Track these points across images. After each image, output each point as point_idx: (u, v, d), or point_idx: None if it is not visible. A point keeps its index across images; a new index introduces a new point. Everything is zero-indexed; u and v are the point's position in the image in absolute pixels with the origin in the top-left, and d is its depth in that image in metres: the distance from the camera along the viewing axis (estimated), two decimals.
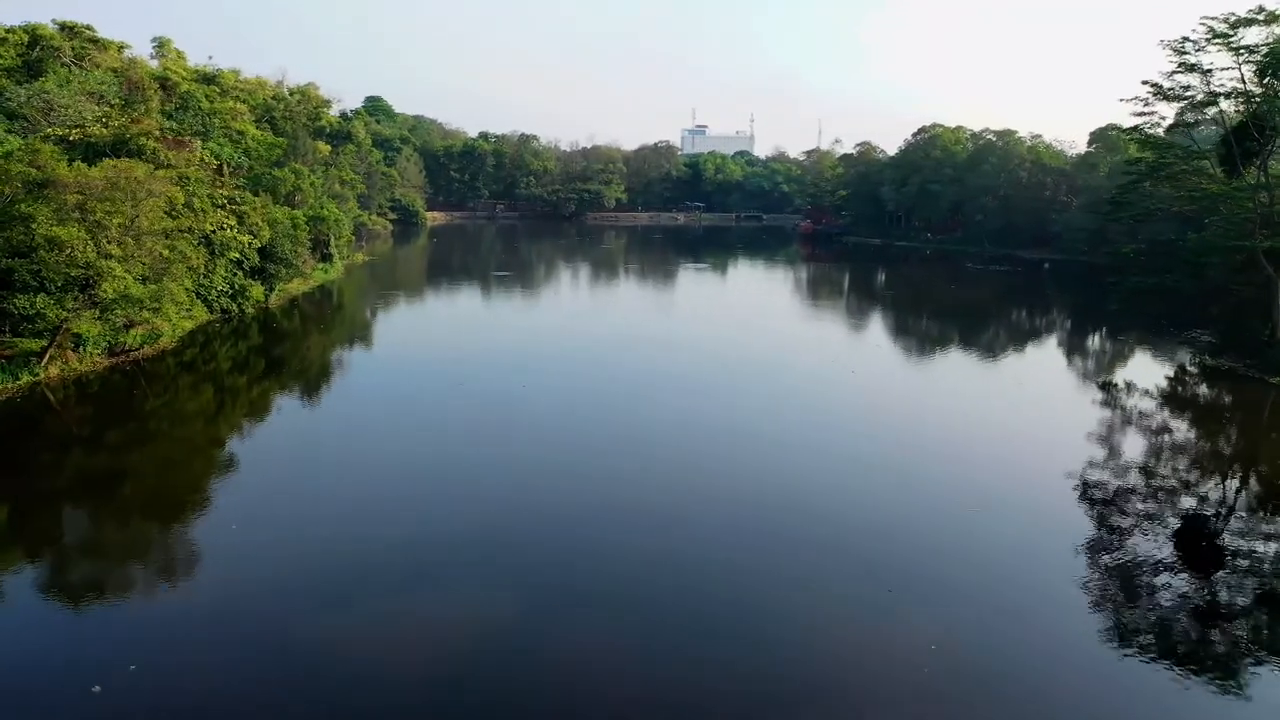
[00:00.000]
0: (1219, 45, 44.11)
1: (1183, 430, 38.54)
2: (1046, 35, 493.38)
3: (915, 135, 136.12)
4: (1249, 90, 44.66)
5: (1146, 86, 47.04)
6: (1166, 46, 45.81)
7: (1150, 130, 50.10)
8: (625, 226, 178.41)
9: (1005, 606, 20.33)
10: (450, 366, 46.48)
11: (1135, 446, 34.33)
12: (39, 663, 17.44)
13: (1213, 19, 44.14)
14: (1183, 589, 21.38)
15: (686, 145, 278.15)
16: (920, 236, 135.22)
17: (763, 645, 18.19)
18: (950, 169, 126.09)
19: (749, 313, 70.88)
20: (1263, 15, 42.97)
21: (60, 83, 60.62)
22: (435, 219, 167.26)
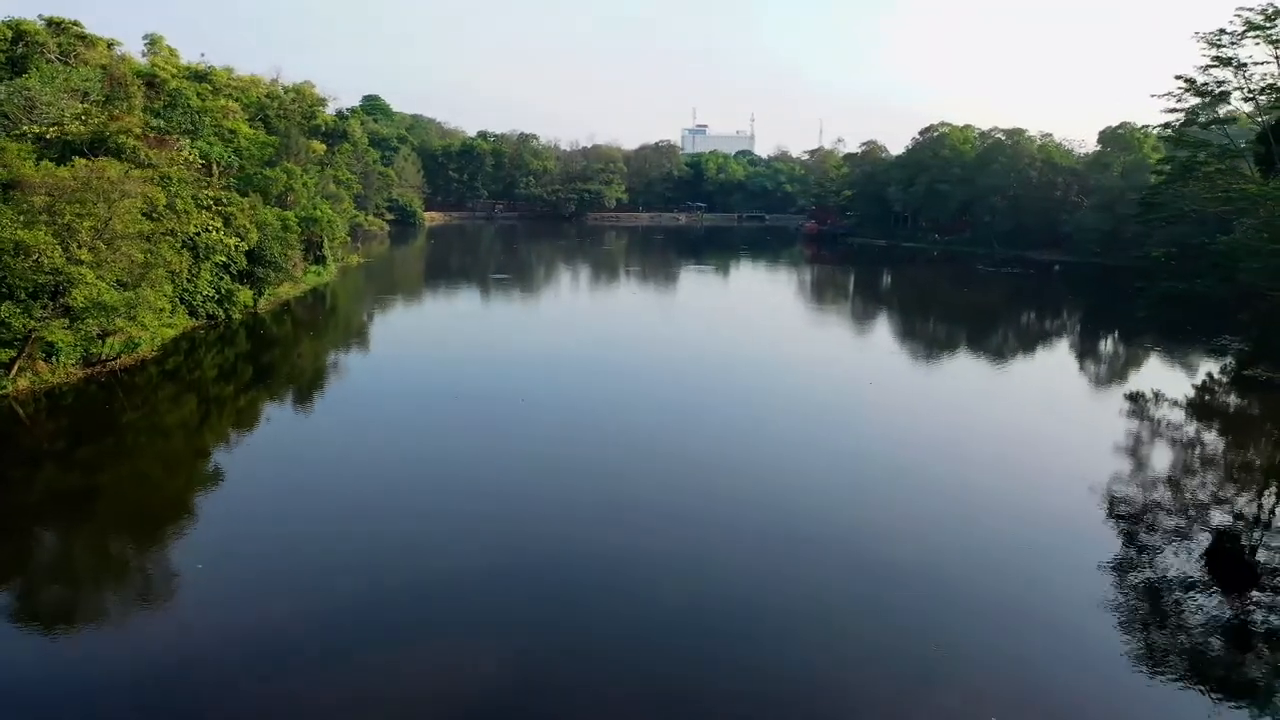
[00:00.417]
0: (1256, 37, 41.70)
1: (1214, 442, 36.78)
2: (1050, 34, 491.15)
3: (922, 134, 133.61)
4: None
5: (1179, 81, 44.56)
6: (1201, 39, 43.39)
7: (1182, 127, 47.49)
8: (626, 227, 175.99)
9: (1026, 621, 19.50)
10: (446, 377, 44.26)
11: (1164, 459, 32.93)
12: None
13: (1249, 10, 41.79)
14: (1214, 610, 20.21)
15: (686, 145, 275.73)
16: (927, 237, 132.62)
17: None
18: (959, 168, 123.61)
19: (758, 319, 68.18)
20: None
21: (44, 79, 58.20)
22: (433, 219, 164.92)
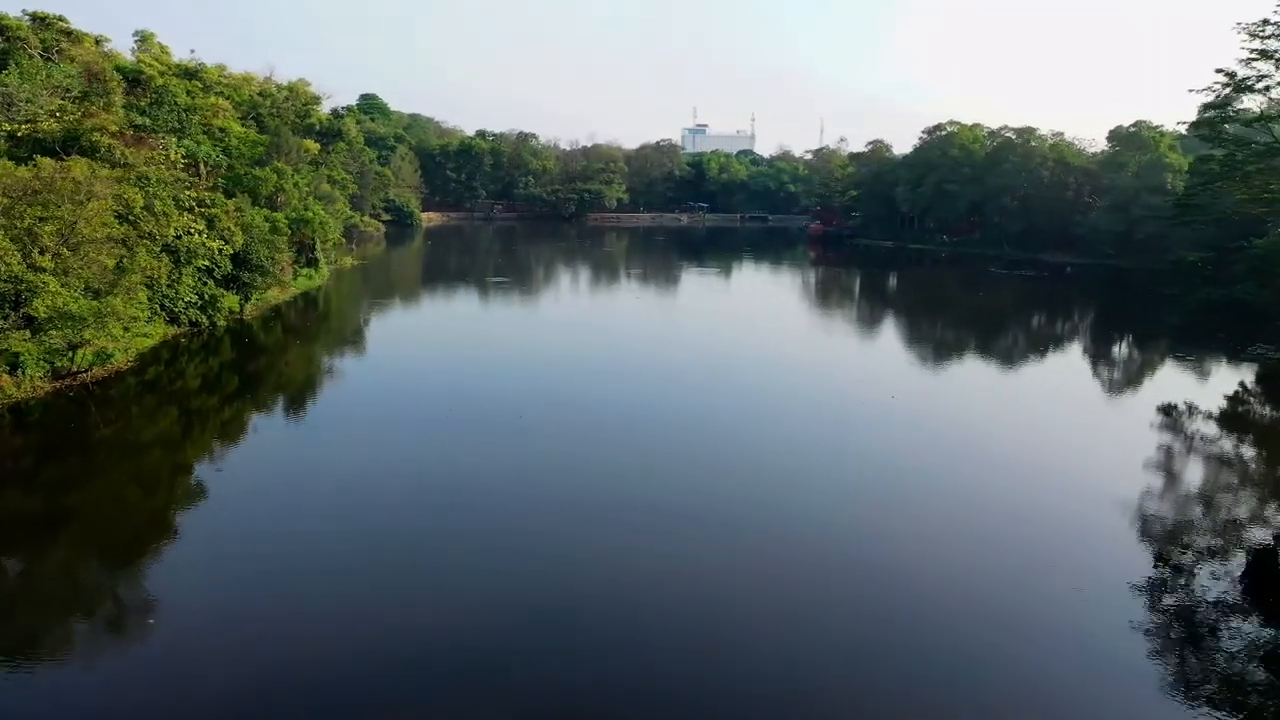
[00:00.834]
0: None
1: (1251, 456, 34.79)
2: (1054, 32, 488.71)
3: (930, 133, 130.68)
4: None
5: (1219, 75, 41.88)
6: (1242, 30, 40.74)
7: (1221, 123, 44.73)
8: (627, 228, 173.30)
9: (1054, 641, 18.63)
10: (440, 388, 41.63)
11: (1198, 473, 31.61)
12: None
13: None
14: (1252, 634, 19.28)
15: (687, 144, 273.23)
16: (935, 239, 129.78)
17: None
18: (968, 168, 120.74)
19: (766, 325, 65.12)
20: None
21: (25, 76, 55.57)
22: (431, 220, 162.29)
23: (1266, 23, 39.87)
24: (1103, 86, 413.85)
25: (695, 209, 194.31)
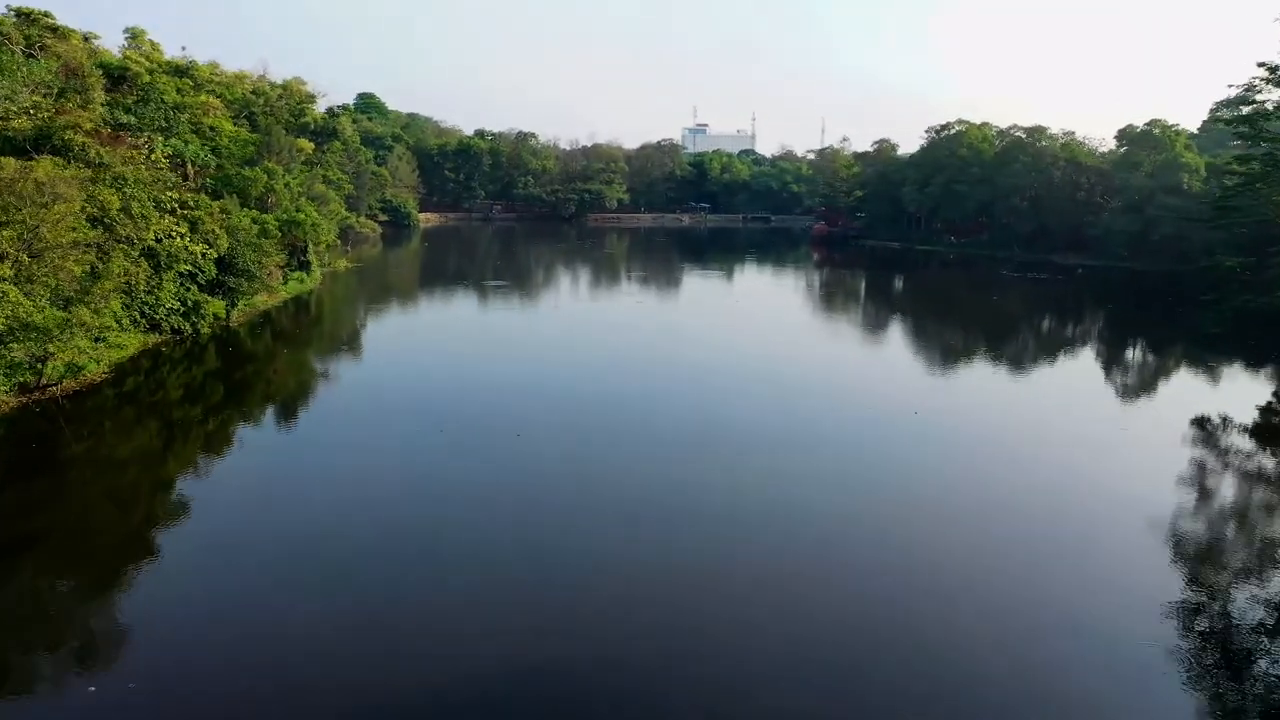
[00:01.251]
0: None
1: None
2: (1057, 33, 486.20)
3: (938, 132, 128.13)
4: None
5: (1261, 69, 39.36)
6: None
7: (1264, 121, 42.14)
8: (627, 228, 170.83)
9: (1085, 668, 17.82)
10: (434, 400, 39.24)
11: (1234, 491, 30.37)
12: None
13: None
14: None
15: (687, 144, 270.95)
16: (943, 240, 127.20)
17: None
18: (977, 168, 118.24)
19: (777, 332, 62.16)
20: None
21: (4, 73, 53.14)
22: (429, 220, 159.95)
23: None
24: (1106, 86, 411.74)
25: (697, 209, 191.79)
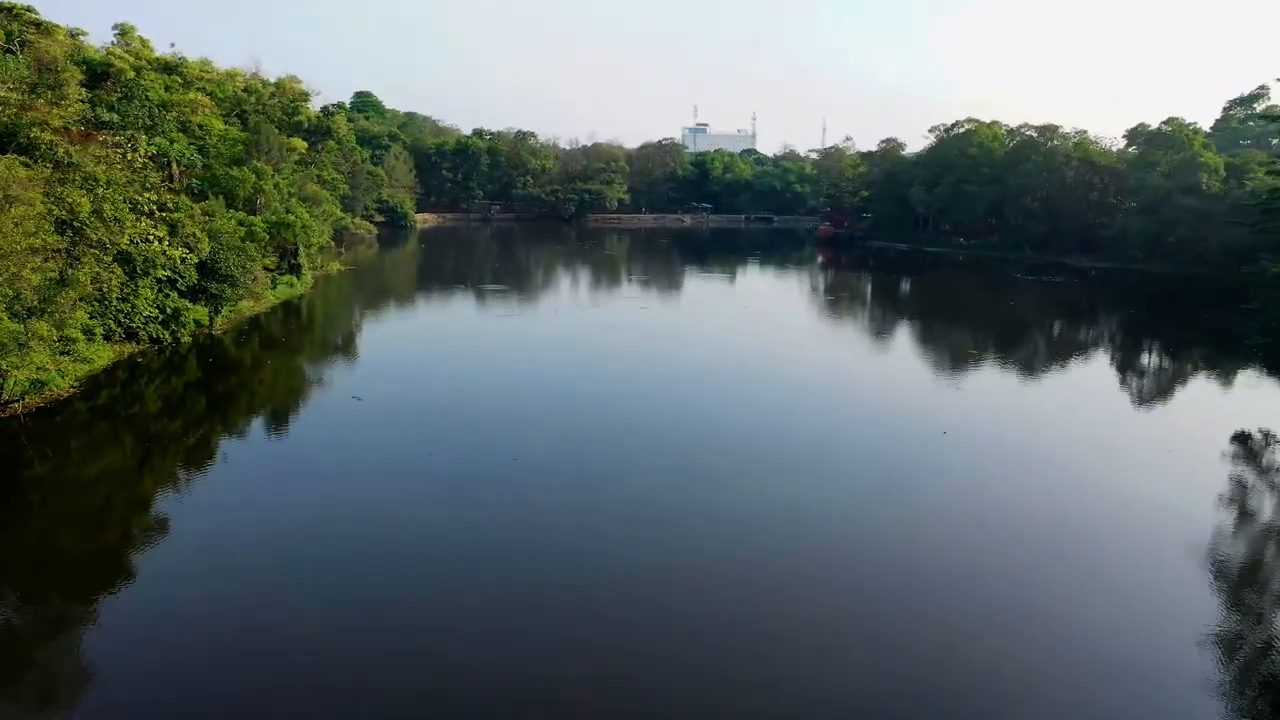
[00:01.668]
0: None
1: None
2: (1061, 31, 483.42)
3: (948, 131, 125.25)
4: None
5: None
6: None
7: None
8: (628, 229, 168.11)
9: (1124, 700, 16.99)
10: (425, 417, 36.56)
11: (1274, 512, 28.81)
12: None
13: None
14: None
15: (687, 144, 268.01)
16: (951, 241, 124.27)
17: None
18: (987, 168, 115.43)
19: (789, 340, 58.72)
20: None
21: None
22: (426, 221, 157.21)
23: None
24: (1108, 86, 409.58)
25: (699, 210, 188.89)
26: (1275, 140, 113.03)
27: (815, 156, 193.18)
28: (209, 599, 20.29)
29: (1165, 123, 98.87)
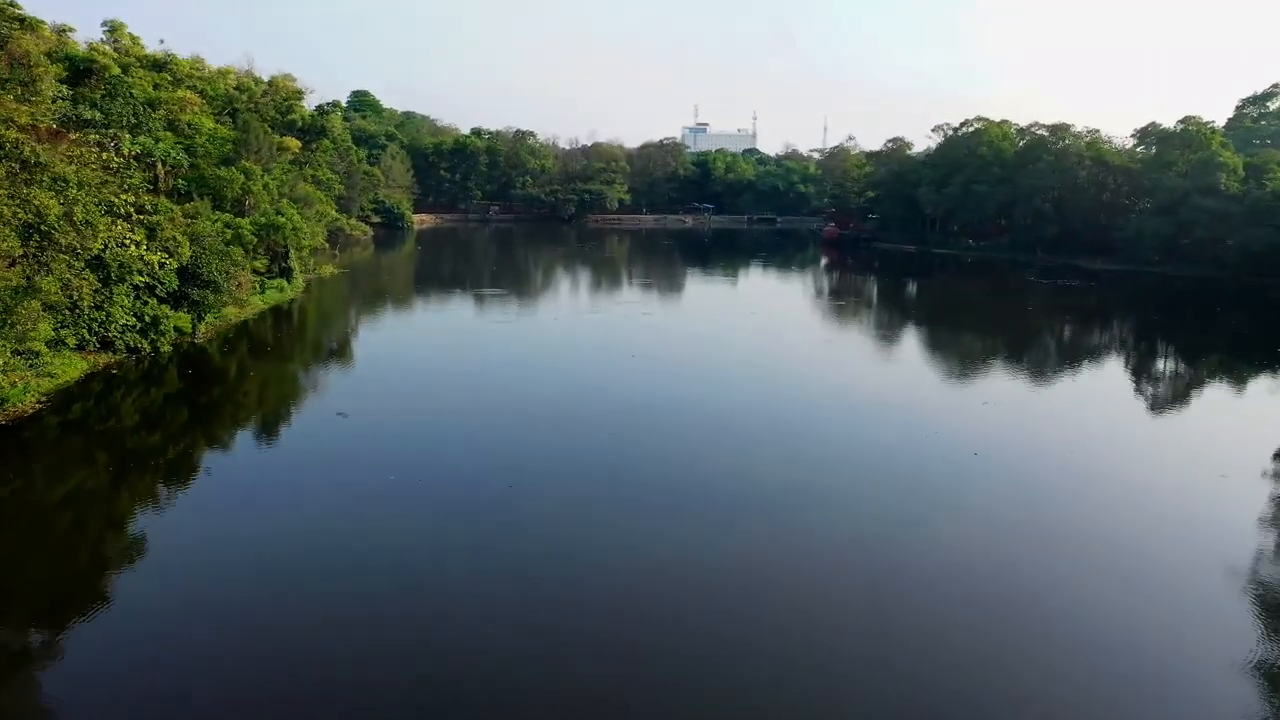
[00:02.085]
0: None
1: None
2: (1064, 30, 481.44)
3: (956, 130, 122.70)
4: None
5: None
6: None
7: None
8: (629, 230, 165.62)
9: None
10: (417, 434, 33.98)
11: None
12: None
13: None
14: None
15: (688, 143, 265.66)
16: (960, 243, 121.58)
17: None
18: (998, 168, 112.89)
19: (802, 354, 54.84)
20: None
21: None
22: (423, 221, 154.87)
23: None
24: (1112, 86, 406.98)
25: (700, 210, 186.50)
26: (1258, 141, 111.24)
27: (818, 156, 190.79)
28: (181, 628, 18.99)
29: (1181, 121, 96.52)
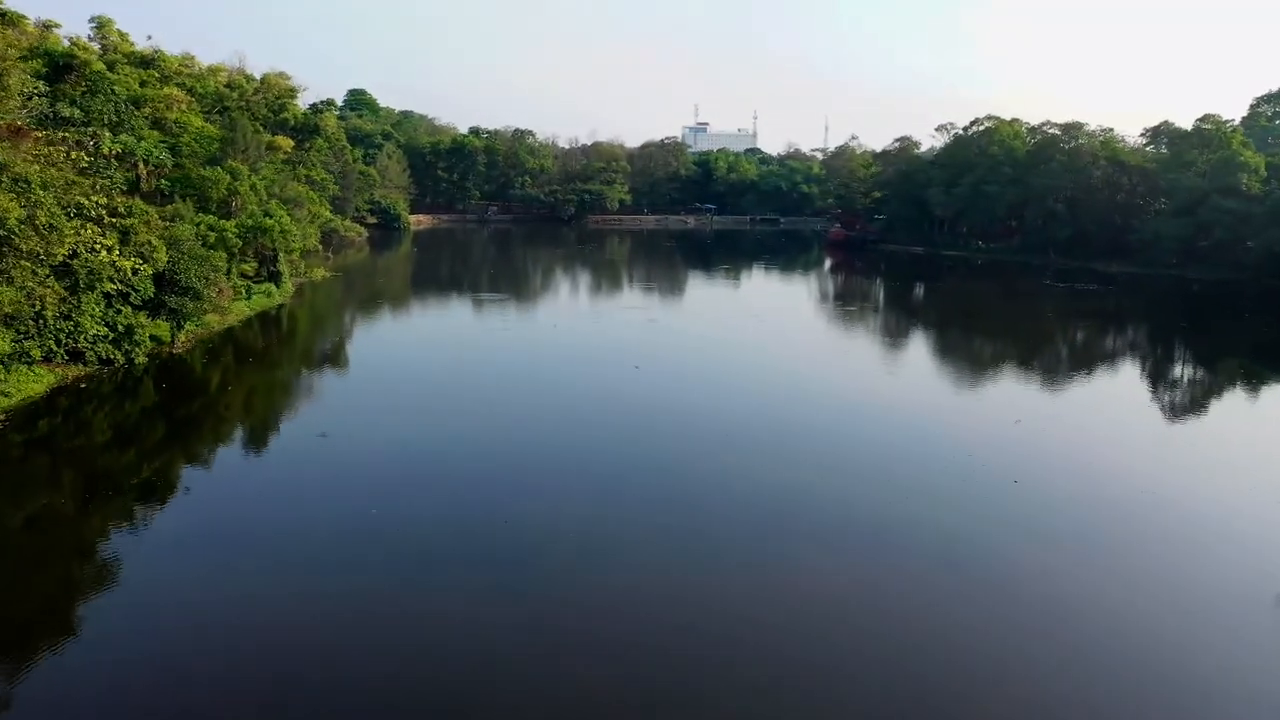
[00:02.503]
0: None
1: None
2: (1067, 28, 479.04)
3: (966, 129, 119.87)
4: None
5: None
6: None
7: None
8: (629, 230, 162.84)
9: None
10: (394, 461, 31.21)
11: None
12: None
13: None
14: None
15: (688, 143, 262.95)
16: (970, 244, 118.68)
17: None
18: (1009, 167, 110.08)
19: (816, 368, 51.67)
20: None
21: None
22: (420, 222, 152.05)
23: None
24: (1117, 84, 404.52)
25: (702, 211, 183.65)
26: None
27: (821, 156, 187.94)
28: (149, 661, 17.90)
29: (1201, 120, 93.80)
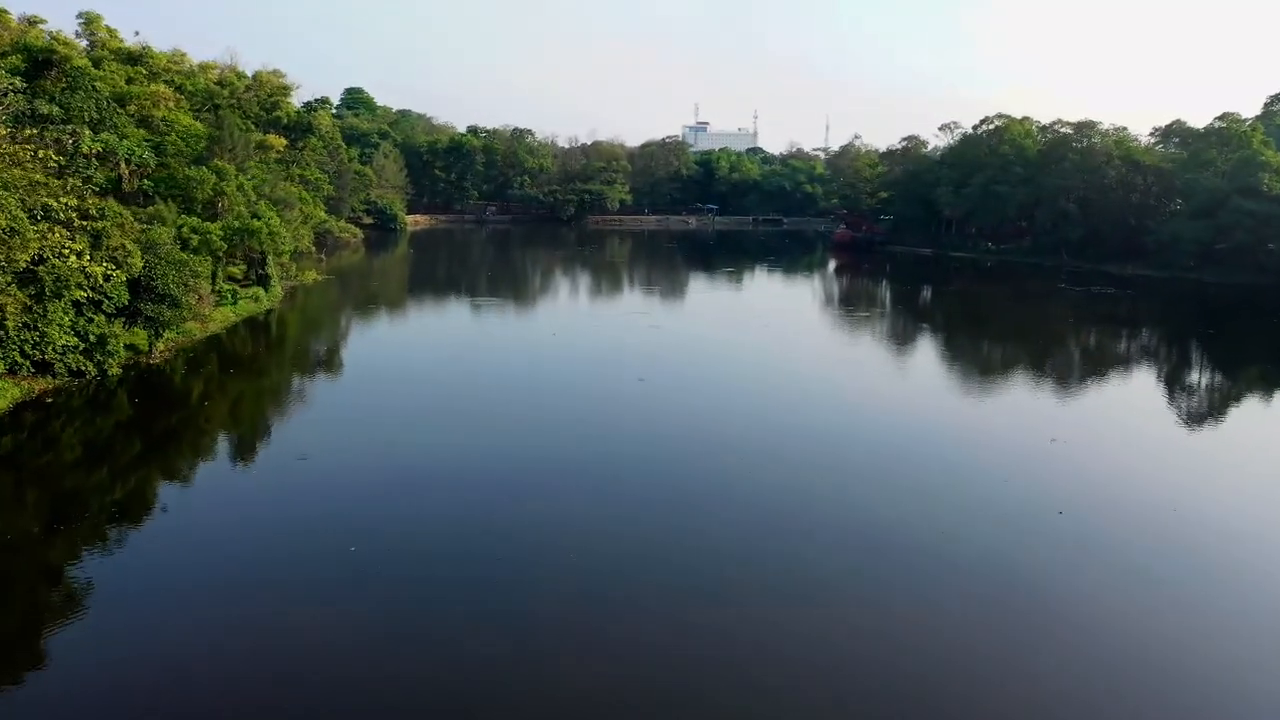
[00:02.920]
0: None
1: None
2: (1071, 27, 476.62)
3: (975, 128, 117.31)
4: None
5: None
6: None
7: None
8: (630, 231, 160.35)
9: None
10: (383, 490, 28.61)
11: None
12: None
13: None
14: None
15: (689, 142, 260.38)
16: (979, 246, 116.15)
17: None
18: (1020, 167, 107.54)
19: (833, 380, 48.50)
20: None
21: None
22: (418, 223, 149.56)
23: None
24: (1123, 83, 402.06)
25: (704, 211, 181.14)
26: None
27: (824, 155, 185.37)
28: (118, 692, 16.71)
29: (1219, 118, 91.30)
